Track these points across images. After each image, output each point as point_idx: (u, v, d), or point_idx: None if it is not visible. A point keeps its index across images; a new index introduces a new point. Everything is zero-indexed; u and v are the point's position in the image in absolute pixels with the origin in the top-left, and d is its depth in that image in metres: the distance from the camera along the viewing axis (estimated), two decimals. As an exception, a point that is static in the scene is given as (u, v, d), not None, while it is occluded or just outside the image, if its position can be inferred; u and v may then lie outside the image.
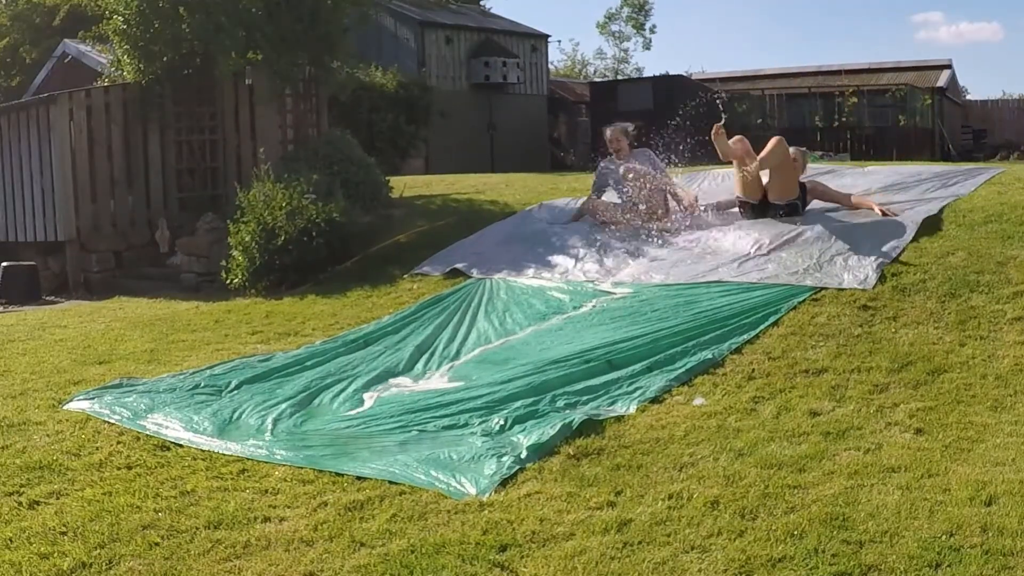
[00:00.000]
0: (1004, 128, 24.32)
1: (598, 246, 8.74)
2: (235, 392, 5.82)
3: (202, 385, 5.93)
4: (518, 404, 5.16)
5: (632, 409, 5.08)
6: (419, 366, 6.25)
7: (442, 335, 6.84)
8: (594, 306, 7.06)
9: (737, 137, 8.50)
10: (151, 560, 3.44)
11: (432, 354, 6.47)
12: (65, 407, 5.54)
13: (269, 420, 5.26)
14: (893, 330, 6.03)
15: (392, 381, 5.95)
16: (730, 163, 8.70)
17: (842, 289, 6.65)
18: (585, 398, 5.22)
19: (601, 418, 4.92)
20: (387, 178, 12.39)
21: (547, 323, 6.82)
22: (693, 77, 26.56)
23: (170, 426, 5.16)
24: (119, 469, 4.47)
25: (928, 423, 4.67)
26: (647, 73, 36.95)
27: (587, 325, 6.58)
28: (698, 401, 5.15)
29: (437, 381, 5.85)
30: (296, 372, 6.18)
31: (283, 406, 5.47)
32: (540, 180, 14.00)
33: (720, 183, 11.32)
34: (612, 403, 5.17)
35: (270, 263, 9.40)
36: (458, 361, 6.21)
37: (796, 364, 5.60)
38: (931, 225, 7.78)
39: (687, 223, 8.52)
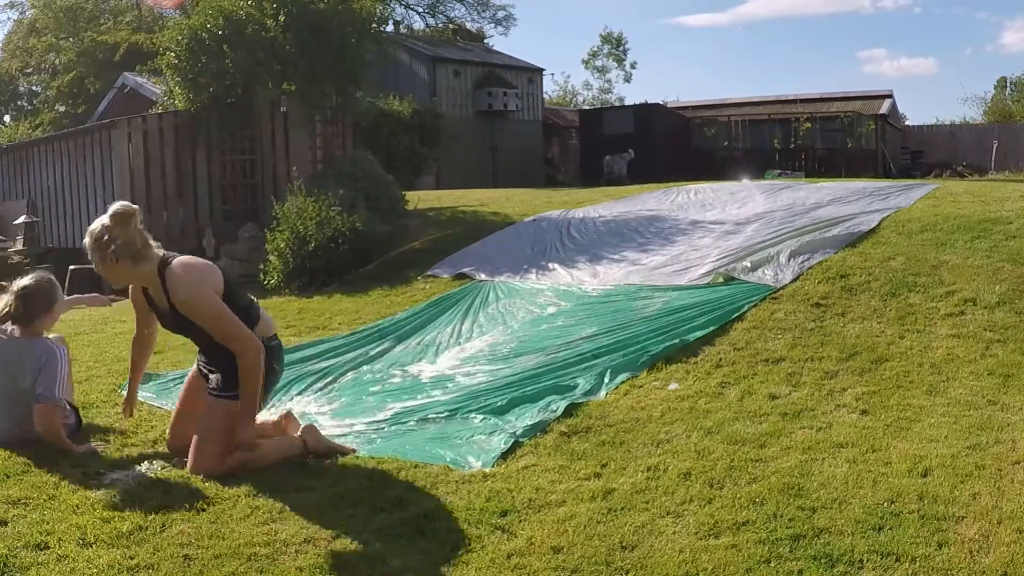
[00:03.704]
0: (938, 150, 24.30)
1: (587, 253, 8.75)
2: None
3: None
4: (515, 389, 5.15)
5: (614, 392, 5.07)
6: (429, 355, 6.24)
7: (449, 329, 6.83)
8: (582, 304, 7.05)
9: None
10: (199, 524, 3.44)
11: (440, 345, 6.46)
12: (123, 391, 5.53)
13: (298, 404, 5.26)
14: (842, 324, 6.02)
15: (406, 368, 5.94)
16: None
17: (783, 287, 6.66)
18: (574, 383, 5.22)
19: (588, 401, 4.92)
20: (403, 193, 12.40)
21: (540, 318, 6.82)
22: (668, 105, 26.53)
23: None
24: (171, 445, 4.46)
25: (872, 405, 4.67)
26: (628, 101, 37.02)
27: (576, 320, 6.58)
28: (673, 386, 5.15)
29: (445, 369, 5.84)
30: (319, 360, 6.15)
31: (307, 393, 5.47)
32: (536, 195, 14.00)
33: (693, 197, 11.34)
34: (597, 387, 5.15)
35: (302, 266, 9.40)
36: (463, 352, 6.20)
37: (758, 354, 5.59)
38: (873, 234, 7.79)
39: None
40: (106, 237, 3.86)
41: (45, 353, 4.16)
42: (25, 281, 4.28)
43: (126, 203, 3.94)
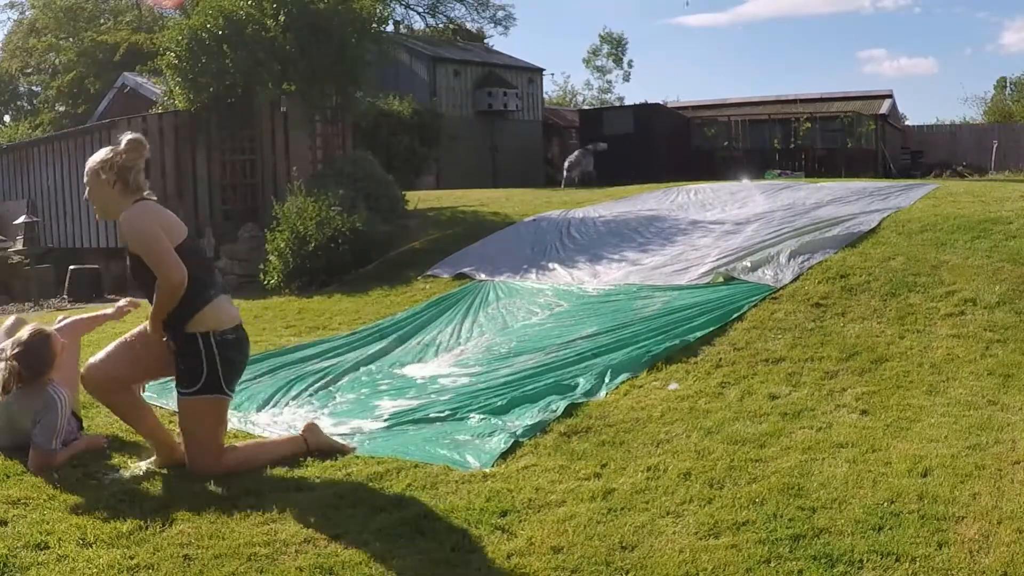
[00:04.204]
0: (938, 150, 24.29)
1: (587, 253, 8.75)
2: (265, 377, 5.78)
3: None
4: (515, 388, 5.15)
5: (614, 392, 5.07)
6: (429, 355, 6.24)
7: (449, 329, 6.84)
8: (582, 304, 7.05)
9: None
10: (199, 524, 3.44)
11: (440, 345, 6.46)
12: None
13: (298, 403, 5.26)
14: (842, 324, 6.02)
15: (406, 368, 5.94)
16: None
17: (783, 287, 6.66)
18: (574, 382, 5.21)
19: (588, 401, 4.91)
20: (403, 193, 12.40)
21: (540, 318, 6.82)
22: (668, 105, 26.51)
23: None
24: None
25: (872, 405, 4.67)
26: (628, 101, 37.03)
27: (575, 320, 6.58)
28: (672, 386, 5.15)
29: (445, 368, 5.84)
30: (319, 360, 6.15)
31: (307, 393, 5.47)
32: (536, 195, 14.00)
33: (693, 197, 11.34)
34: (597, 387, 5.15)
35: (302, 266, 9.40)
36: (463, 351, 6.20)
37: (758, 354, 5.59)
38: (873, 234, 7.79)
39: None
40: (116, 157, 3.95)
41: (46, 405, 4.11)
42: (18, 347, 4.15)
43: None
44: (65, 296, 11.30)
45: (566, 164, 16.65)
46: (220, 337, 3.97)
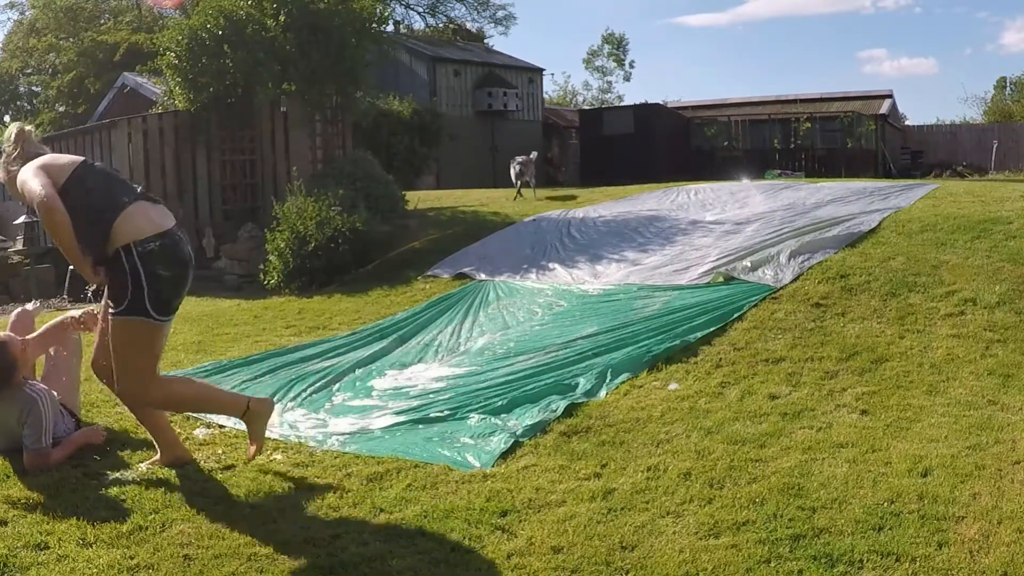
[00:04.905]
0: (938, 150, 24.32)
1: (587, 253, 8.74)
2: (266, 376, 5.78)
3: (242, 371, 5.92)
4: (515, 388, 5.14)
5: (614, 392, 5.06)
6: (429, 355, 6.23)
7: (449, 328, 6.83)
8: (582, 304, 7.05)
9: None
10: (199, 524, 3.44)
11: (441, 345, 6.45)
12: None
13: (299, 403, 5.25)
14: (842, 324, 6.02)
15: (406, 369, 5.94)
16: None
17: (783, 286, 6.66)
18: (574, 382, 5.21)
19: (588, 401, 4.91)
20: (403, 193, 12.41)
21: (540, 318, 6.82)
22: (668, 105, 26.50)
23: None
24: (171, 445, 4.45)
25: (872, 405, 4.67)
26: (628, 101, 37.07)
27: (575, 320, 6.58)
28: (673, 386, 5.15)
29: (445, 369, 5.84)
30: (320, 360, 6.15)
31: (308, 392, 5.46)
32: (536, 194, 13.99)
33: (693, 197, 11.34)
34: (597, 387, 5.15)
35: (302, 266, 9.40)
36: (463, 351, 6.19)
37: (758, 354, 5.59)
38: (873, 234, 7.79)
39: None
40: (7, 154, 3.92)
41: (27, 405, 4.06)
42: None
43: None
44: (65, 296, 11.29)
45: (516, 170, 14.62)
46: (141, 248, 3.65)
